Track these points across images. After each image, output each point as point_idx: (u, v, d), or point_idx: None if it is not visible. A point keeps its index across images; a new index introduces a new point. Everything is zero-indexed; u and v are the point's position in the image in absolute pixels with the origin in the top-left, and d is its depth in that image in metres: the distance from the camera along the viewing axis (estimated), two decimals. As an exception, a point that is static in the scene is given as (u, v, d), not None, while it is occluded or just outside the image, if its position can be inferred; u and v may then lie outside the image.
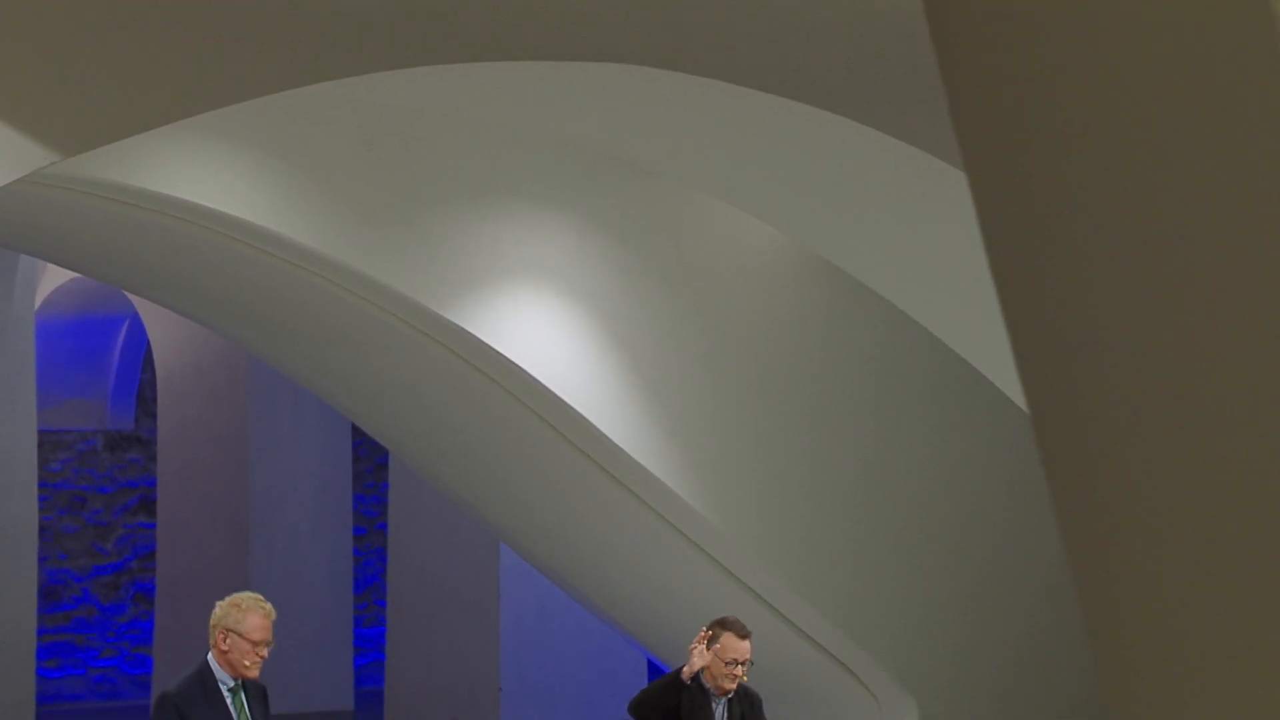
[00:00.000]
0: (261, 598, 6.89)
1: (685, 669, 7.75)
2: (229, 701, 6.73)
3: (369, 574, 19.46)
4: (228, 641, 6.71)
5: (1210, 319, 1.48)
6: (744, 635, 7.86)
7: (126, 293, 15.86)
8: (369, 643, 18.80)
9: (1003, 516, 11.79)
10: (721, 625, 7.91)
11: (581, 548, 11.78)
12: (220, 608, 6.81)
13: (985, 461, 11.73)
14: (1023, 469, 11.59)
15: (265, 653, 6.78)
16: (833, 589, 11.34)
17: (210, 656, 6.76)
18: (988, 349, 8.80)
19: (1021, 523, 11.77)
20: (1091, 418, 1.53)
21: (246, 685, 6.80)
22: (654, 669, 14.84)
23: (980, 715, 11.68)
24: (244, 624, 6.72)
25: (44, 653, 17.05)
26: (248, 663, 6.72)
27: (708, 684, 7.89)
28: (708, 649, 7.89)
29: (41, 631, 15.70)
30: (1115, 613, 1.49)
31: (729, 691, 7.89)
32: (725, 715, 7.92)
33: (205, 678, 6.72)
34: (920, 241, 8.64)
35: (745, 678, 7.89)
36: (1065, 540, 1.53)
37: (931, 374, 11.42)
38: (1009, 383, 8.95)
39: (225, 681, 6.72)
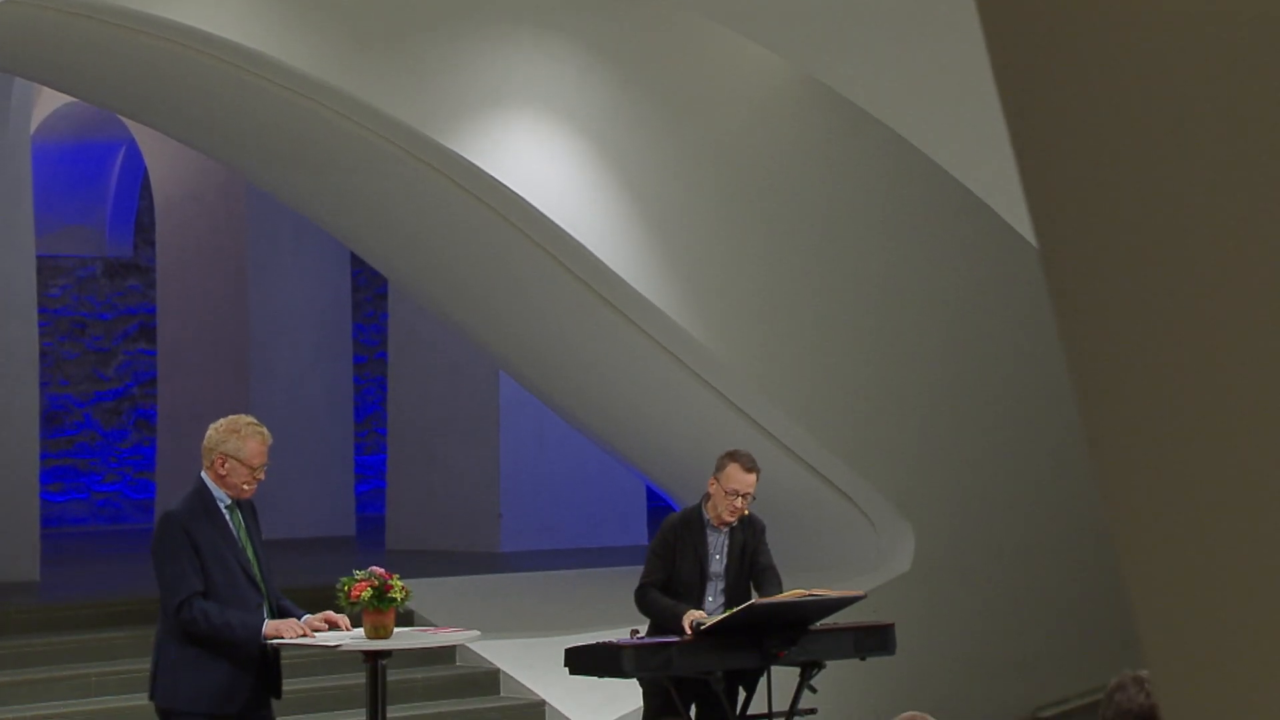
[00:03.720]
0: (257, 422, 6.94)
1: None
2: (228, 518, 6.83)
3: (369, 402, 19.54)
4: (226, 466, 6.79)
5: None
6: (750, 469, 7.85)
7: (122, 118, 15.75)
8: (370, 470, 18.94)
9: (1005, 344, 11.81)
10: (730, 456, 7.91)
11: (581, 377, 11.82)
12: (217, 432, 6.85)
13: (988, 291, 11.73)
14: (1027, 297, 11.59)
15: (262, 475, 6.87)
16: (832, 417, 11.39)
17: (205, 476, 6.84)
18: (991, 176, 8.75)
19: (1025, 350, 11.79)
20: (1106, 267, 1.51)
21: (239, 502, 6.90)
22: (653, 497, 14.94)
23: (977, 542, 11.78)
24: (243, 450, 6.79)
25: (47, 477, 17.17)
26: (245, 486, 6.83)
27: (708, 515, 7.89)
28: (712, 475, 7.88)
29: (44, 456, 15.78)
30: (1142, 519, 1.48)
31: (728, 523, 7.87)
32: (726, 546, 7.92)
33: (204, 496, 6.83)
34: (923, 67, 8.56)
35: (746, 512, 7.89)
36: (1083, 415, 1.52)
37: (934, 202, 11.37)
38: (1012, 211, 8.92)
39: (222, 499, 6.83)
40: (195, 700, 6.70)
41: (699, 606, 7.85)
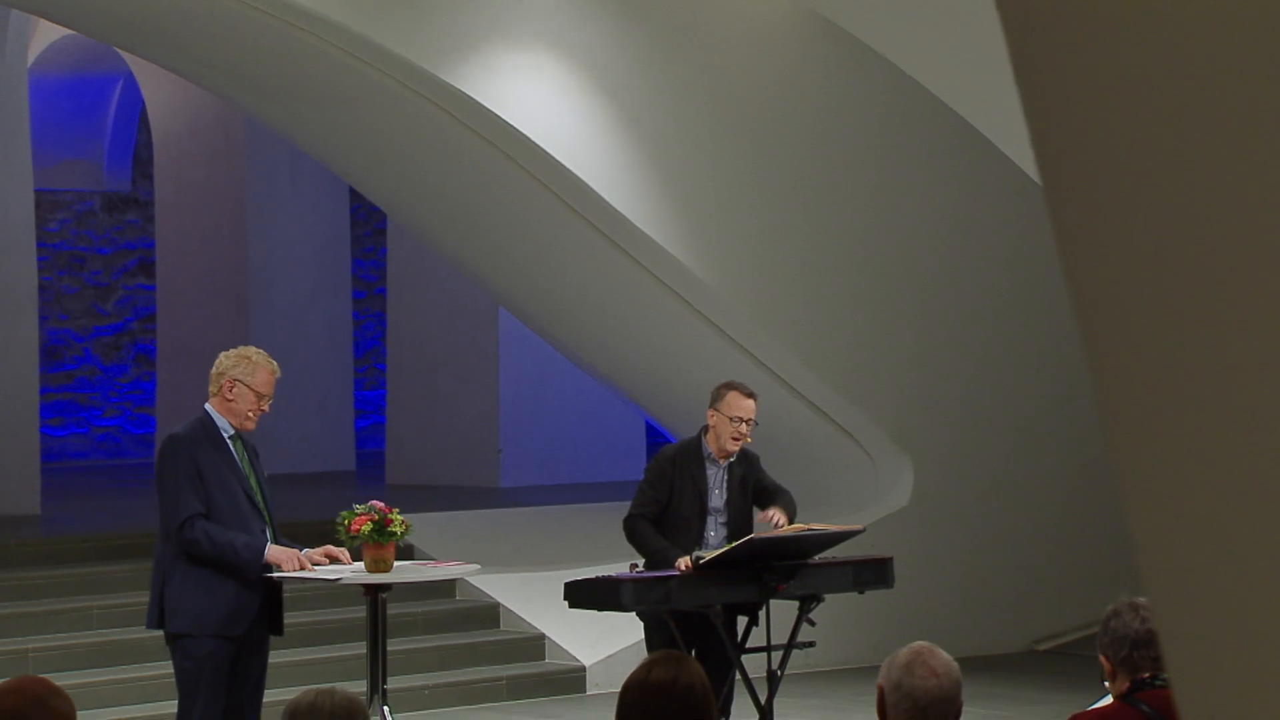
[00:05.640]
0: (268, 355, 6.98)
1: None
2: (231, 447, 6.84)
3: (368, 338, 19.54)
4: (234, 391, 6.80)
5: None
6: (749, 395, 7.84)
7: (120, 51, 15.69)
8: (369, 405, 18.95)
9: (1004, 278, 11.81)
10: (727, 386, 7.90)
11: (580, 312, 11.82)
12: (228, 358, 6.88)
13: (988, 225, 11.71)
14: (1025, 231, 11.58)
15: (266, 407, 6.88)
16: (830, 351, 11.40)
17: (209, 406, 6.84)
18: (992, 111, 8.73)
19: (1022, 282, 11.79)
20: (1113, 206, 1.50)
21: (242, 438, 6.90)
22: (651, 431, 14.97)
23: (975, 476, 11.81)
24: (254, 377, 6.82)
25: (47, 411, 17.18)
26: (250, 414, 6.83)
27: (709, 449, 7.85)
28: (711, 407, 7.85)
29: (44, 391, 15.79)
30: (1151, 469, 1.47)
31: (731, 454, 7.82)
32: (725, 480, 7.89)
33: (207, 424, 6.84)
34: None
35: (750, 439, 7.87)
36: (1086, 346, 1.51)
37: (934, 136, 11.34)
38: (1013, 146, 8.90)
39: (225, 429, 6.84)
40: (201, 622, 6.69)
41: (699, 541, 7.83)
